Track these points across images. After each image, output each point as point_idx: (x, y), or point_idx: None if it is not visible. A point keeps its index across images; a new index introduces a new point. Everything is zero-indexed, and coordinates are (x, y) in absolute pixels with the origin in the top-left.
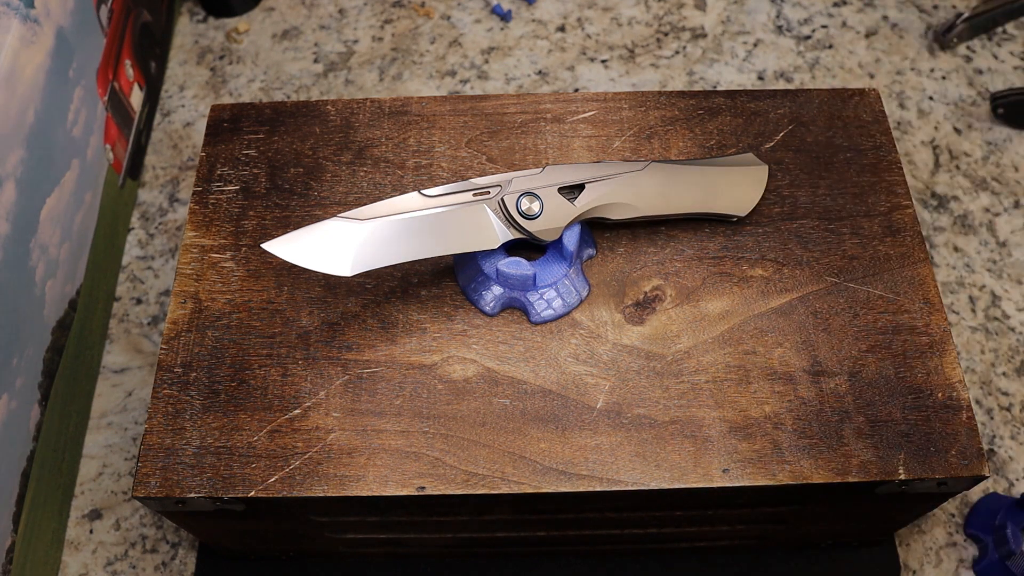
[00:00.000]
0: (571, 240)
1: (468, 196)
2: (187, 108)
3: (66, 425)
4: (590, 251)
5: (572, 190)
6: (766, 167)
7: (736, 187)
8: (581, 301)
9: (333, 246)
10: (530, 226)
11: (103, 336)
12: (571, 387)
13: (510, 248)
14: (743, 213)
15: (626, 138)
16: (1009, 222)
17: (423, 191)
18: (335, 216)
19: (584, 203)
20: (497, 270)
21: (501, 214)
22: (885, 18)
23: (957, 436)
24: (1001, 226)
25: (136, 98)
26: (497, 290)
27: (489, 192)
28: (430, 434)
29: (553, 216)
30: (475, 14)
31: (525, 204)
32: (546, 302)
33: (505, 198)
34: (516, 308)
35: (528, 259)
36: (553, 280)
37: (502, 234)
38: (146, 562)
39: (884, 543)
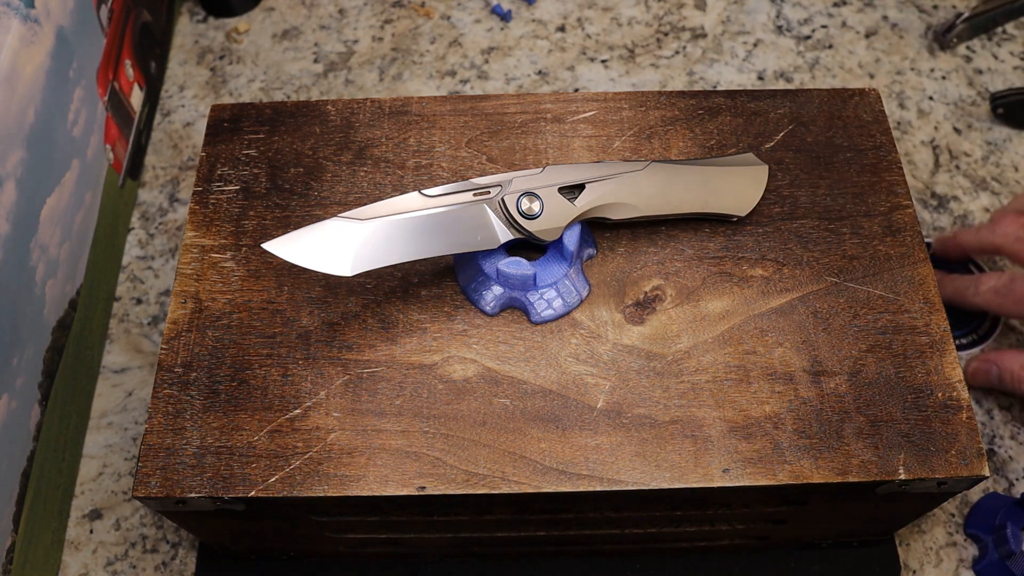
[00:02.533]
0: (571, 240)
1: (468, 196)
2: (187, 108)
3: (66, 425)
4: (590, 251)
5: (572, 190)
6: (766, 167)
7: (736, 187)
8: (581, 301)
9: (333, 246)
10: (530, 226)
11: (103, 336)
12: (571, 387)
13: (510, 248)
14: (743, 213)
15: (626, 138)
16: None
17: (423, 191)
18: (335, 216)
19: (584, 203)
20: (497, 270)
21: (501, 214)
22: (885, 18)
23: (957, 436)
24: None
25: (136, 98)
26: (497, 290)
27: (489, 192)
28: (430, 434)
29: (553, 216)
30: (475, 14)
31: (525, 204)
32: (546, 302)
33: (505, 198)
34: (516, 308)
35: (528, 259)
36: (553, 280)
37: (502, 234)
38: (146, 562)
39: (884, 543)
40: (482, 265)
